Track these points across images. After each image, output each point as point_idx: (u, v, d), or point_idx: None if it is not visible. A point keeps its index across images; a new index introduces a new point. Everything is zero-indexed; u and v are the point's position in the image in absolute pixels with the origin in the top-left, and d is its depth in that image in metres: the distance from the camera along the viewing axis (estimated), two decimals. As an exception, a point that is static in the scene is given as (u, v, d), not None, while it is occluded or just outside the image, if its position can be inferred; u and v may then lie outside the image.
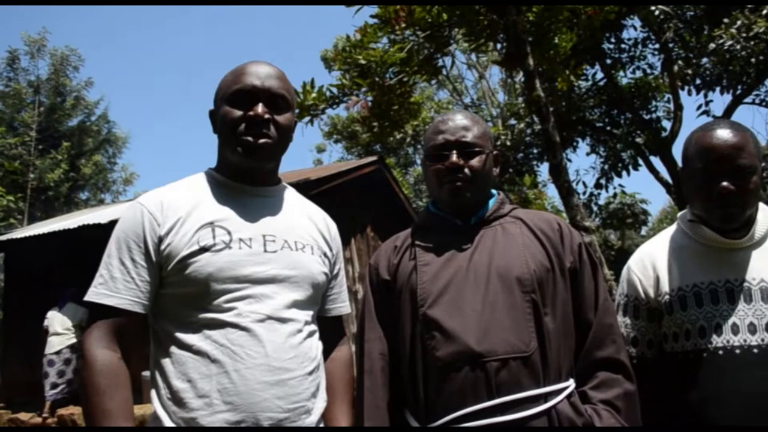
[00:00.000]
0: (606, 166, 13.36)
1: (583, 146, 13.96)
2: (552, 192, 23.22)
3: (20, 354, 9.35)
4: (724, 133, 1.68)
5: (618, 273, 1.77)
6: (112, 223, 7.53)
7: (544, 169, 15.28)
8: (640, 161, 12.86)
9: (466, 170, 1.71)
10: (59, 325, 8.15)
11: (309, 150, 27.56)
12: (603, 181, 13.45)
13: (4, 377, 9.68)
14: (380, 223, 10.24)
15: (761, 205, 1.77)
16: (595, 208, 14.26)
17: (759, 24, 7.89)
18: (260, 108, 1.55)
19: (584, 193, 13.64)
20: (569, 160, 15.55)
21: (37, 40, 22.72)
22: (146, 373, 7.47)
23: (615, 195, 15.03)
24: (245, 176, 1.62)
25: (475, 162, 1.72)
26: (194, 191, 1.58)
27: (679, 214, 1.89)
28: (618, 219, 16.76)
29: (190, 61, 63.06)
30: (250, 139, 1.54)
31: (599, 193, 13.75)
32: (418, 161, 22.85)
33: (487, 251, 1.67)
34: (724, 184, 1.64)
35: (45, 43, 22.92)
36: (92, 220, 8.09)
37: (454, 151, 1.71)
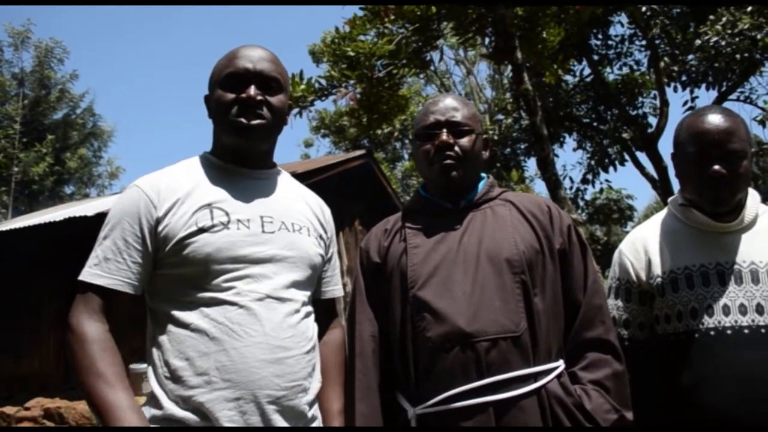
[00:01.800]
0: (593, 162, 13.45)
1: (570, 142, 14.00)
2: (539, 187, 23.33)
3: (3, 347, 9.25)
4: (715, 118, 1.70)
5: (604, 267, 1.78)
6: (99, 216, 7.52)
7: (531, 165, 15.37)
8: (627, 157, 12.97)
9: (456, 149, 1.71)
10: None
11: (297, 145, 27.50)
12: (589, 177, 13.55)
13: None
14: (368, 217, 10.23)
15: (750, 190, 1.79)
16: (581, 203, 14.35)
17: (744, 21, 7.97)
18: (252, 90, 1.56)
19: (571, 188, 13.73)
20: (556, 156, 15.61)
21: (21, 32, 22.49)
22: (134, 366, 7.44)
23: (601, 190, 15.16)
24: (241, 159, 1.63)
25: (464, 141, 1.73)
26: (191, 174, 1.59)
27: (670, 198, 1.91)
28: (604, 214, 16.90)
29: (177, 54, 62.70)
30: (243, 120, 1.55)
31: (586, 189, 13.86)
32: (406, 156, 22.89)
33: (477, 233, 1.68)
34: (716, 167, 1.66)
35: (29, 34, 22.71)
36: (79, 213, 8.00)
37: (444, 130, 1.72)
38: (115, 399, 1.35)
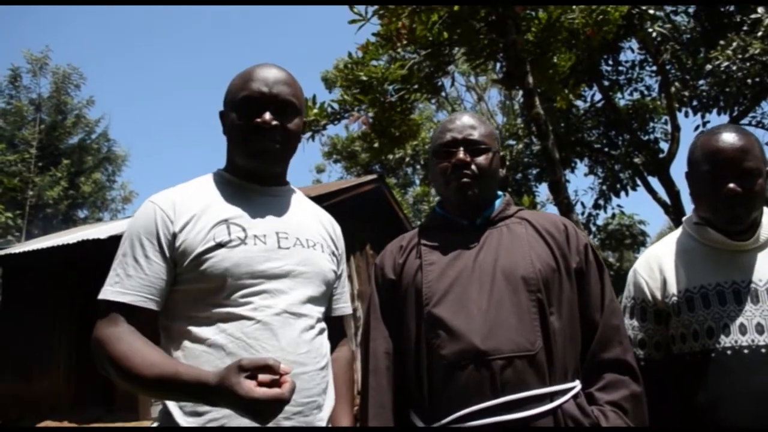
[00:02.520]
0: (604, 187, 13.43)
1: (582, 167, 14.01)
2: (551, 212, 23.21)
3: (14, 369, 9.27)
4: (730, 137, 1.70)
5: (617, 293, 1.78)
6: (113, 239, 7.56)
7: (542, 190, 15.34)
8: (638, 182, 12.94)
9: (473, 167, 1.72)
10: None
11: (309, 170, 27.55)
12: (601, 202, 13.52)
13: (-2, 393, 9.59)
14: (379, 241, 10.21)
15: (766, 208, 1.79)
16: (593, 229, 14.30)
17: (754, 46, 8.00)
18: (267, 116, 1.55)
19: (582, 214, 13.70)
20: (567, 181, 15.64)
21: (39, 58, 22.91)
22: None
23: (613, 216, 15.09)
24: (255, 177, 1.64)
25: (481, 159, 1.73)
26: (206, 190, 1.60)
27: (685, 217, 1.90)
28: (616, 240, 16.78)
29: (191, 80, 63.52)
30: (258, 146, 1.56)
31: (597, 214, 13.82)
32: (418, 181, 22.92)
33: (493, 251, 1.67)
34: (731, 185, 1.66)
35: (47, 61, 23.12)
36: (92, 236, 8.06)
37: (461, 148, 1.73)
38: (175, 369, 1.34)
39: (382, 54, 6.16)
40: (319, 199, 8.10)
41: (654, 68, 11.90)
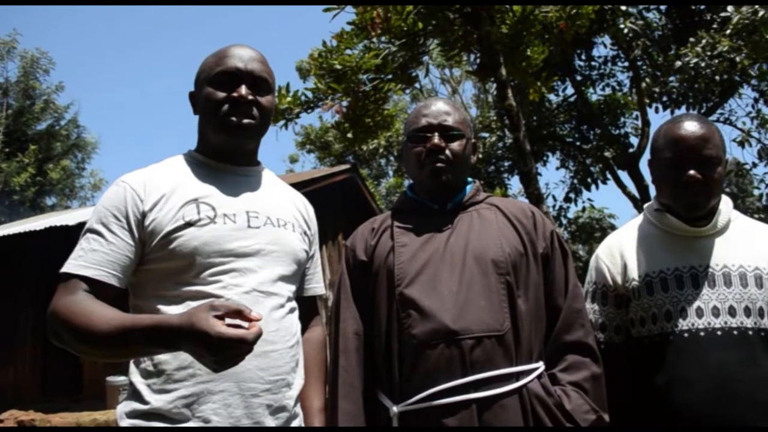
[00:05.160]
0: (575, 180, 13.60)
1: (554, 160, 14.18)
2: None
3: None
4: (691, 125, 1.76)
5: (583, 283, 1.83)
6: (81, 226, 7.40)
7: (514, 182, 15.47)
8: (609, 175, 13.13)
9: (447, 152, 1.75)
10: None
11: (282, 160, 27.36)
12: (572, 195, 13.69)
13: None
14: (352, 231, 10.19)
15: (724, 196, 1.85)
16: (564, 222, 14.49)
17: (723, 43, 8.16)
18: (244, 89, 1.57)
19: (554, 207, 13.86)
20: (539, 174, 15.83)
21: (7, 42, 22.30)
22: (110, 378, 7.35)
23: (584, 209, 15.29)
24: (227, 156, 1.65)
25: (455, 145, 1.76)
26: (176, 170, 1.60)
27: (646, 204, 1.95)
28: (586, 233, 17.04)
29: (163, 68, 62.56)
30: (234, 119, 1.57)
31: (568, 207, 14.00)
32: (391, 173, 22.95)
33: (464, 234, 1.71)
34: (691, 172, 1.71)
35: (15, 45, 22.52)
36: (60, 222, 7.93)
37: (436, 134, 1.75)
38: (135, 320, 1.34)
39: (356, 43, 6.16)
40: (292, 188, 8.08)
41: (626, 64, 12.07)
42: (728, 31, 8.19)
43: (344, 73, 5.87)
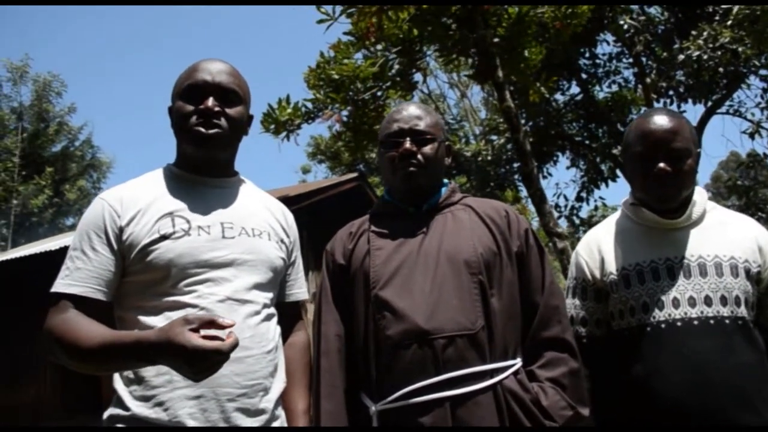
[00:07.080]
0: (586, 179, 13.52)
1: (563, 160, 14.09)
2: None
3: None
4: (660, 119, 1.78)
5: None
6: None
7: (525, 184, 15.30)
8: (618, 173, 13.04)
9: (419, 156, 1.78)
10: None
11: (294, 171, 27.54)
12: (583, 194, 13.61)
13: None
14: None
15: (698, 188, 1.86)
16: (577, 221, 14.39)
17: (724, 34, 8.11)
18: (210, 101, 1.62)
19: (566, 207, 13.79)
20: (550, 174, 15.75)
21: (19, 67, 22.69)
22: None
23: (596, 207, 15.18)
24: (202, 168, 1.69)
25: (427, 149, 1.79)
26: (154, 185, 1.66)
27: (623, 199, 1.97)
28: (600, 231, 16.85)
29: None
30: (201, 129, 1.62)
31: (580, 206, 13.90)
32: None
33: (437, 236, 1.74)
34: (661, 165, 1.73)
35: (27, 69, 22.90)
36: (73, 241, 8.00)
37: (408, 138, 1.79)
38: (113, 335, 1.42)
39: (353, 52, 6.22)
40: (300, 198, 8.12)
41: (630, 60, 12.01)
42: (729, 22, 8.14)
43: (342, 82, 5.93)
